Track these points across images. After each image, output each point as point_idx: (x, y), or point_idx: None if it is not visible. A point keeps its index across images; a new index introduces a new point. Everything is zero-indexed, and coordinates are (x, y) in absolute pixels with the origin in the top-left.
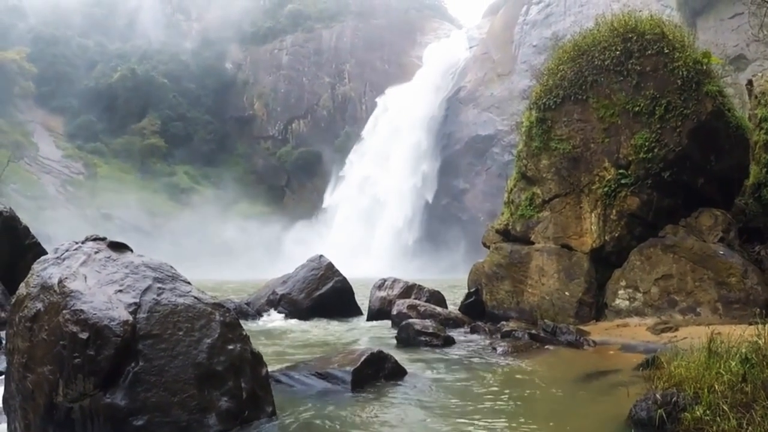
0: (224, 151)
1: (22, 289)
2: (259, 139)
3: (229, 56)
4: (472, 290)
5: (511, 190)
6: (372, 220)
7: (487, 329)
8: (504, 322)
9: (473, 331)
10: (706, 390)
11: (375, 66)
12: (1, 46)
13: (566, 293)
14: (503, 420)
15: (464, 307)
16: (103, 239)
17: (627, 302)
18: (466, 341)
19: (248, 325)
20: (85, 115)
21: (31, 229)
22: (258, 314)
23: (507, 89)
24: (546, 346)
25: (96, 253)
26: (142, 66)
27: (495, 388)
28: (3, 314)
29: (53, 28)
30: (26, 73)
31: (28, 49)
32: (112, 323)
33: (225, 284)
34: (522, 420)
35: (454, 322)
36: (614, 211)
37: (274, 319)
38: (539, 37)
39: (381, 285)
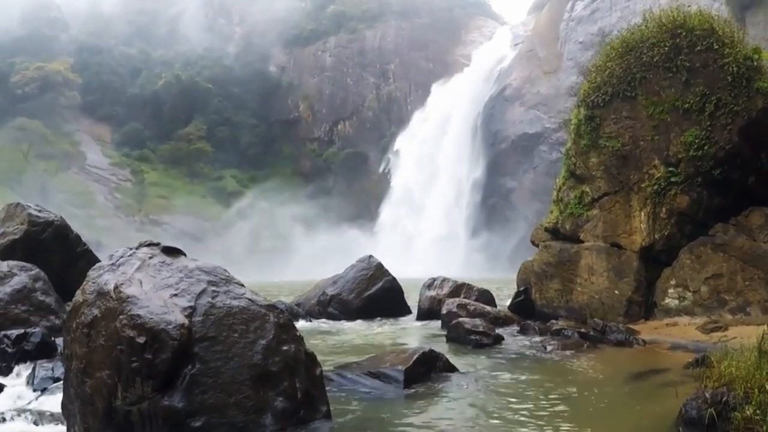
0: (270, 153)
1: (78, 296)
2: (305, 141)
3: (272, 59)
4: (521, 289)
5: (560, 188)
6: (419, 220)
7: (536, 328)
8: (553, 321)
9: (523, 330)
10: (756, 390)
11: (419, 65)
12: (46, 58)
13: (615, 292)
14: (553, 418)
15: (513, 306)
16: (157, 244)
17: (676, 301)
18: (515, 340)
19: (299, 326)
20: (132, 123)
21: (82, 237)
22: (308, 315)
23: (553, 86)
24: (596, 345)
25: (150, 258)
26: (186, 72)
27: (544, 387)
28: (58, 321)
29: (96, 38)
30: (71, 83)
31: (72, 59)
32: (168, 327)
33: (274, 286)
34: (571, 419)
35: (503, 321)
36: (664, 209)
37: (325, 320)
38: (585, 34)
39: (430, 284)
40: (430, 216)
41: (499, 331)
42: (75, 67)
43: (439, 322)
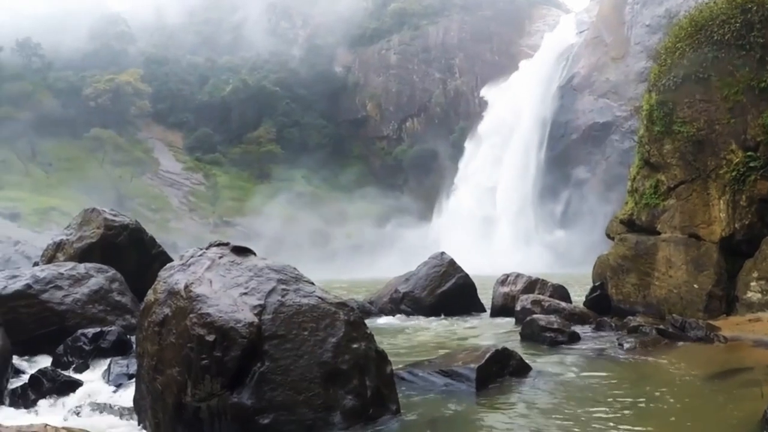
0: (340, 153)
1: (150, 296)
2: (374, 139)
3: (337, 60)
4: (596, 284)
5: (635, 177)
6: (490, 215)
7: (612, 324)
8: (630, 317)
9: (599, 326)
10: None
11: (485, 58)
12: (115, 70)
13: (695, 286)
14: (630, 419)
15: (589, 302)
16: (227, 244)
17: (759, 295)
18: (591, 337)
19: (371, 324)
20: (202, 128)
21: (156, 240)
22: (381, 312)
23: (622, 73)
24: (674, 342)
25: (220, 258)
26: (253, 76)
27: (622, 386)
28: (133, 320)
29: (163, 49)
30: (141, 93)
31: (141, 70)
32: (238, 325)
33: (346, 284)
34: (649, 419)
35: (578, 318)
36: (744, 196)
37: (397, 317)
38: (651, 16)
39: (504, 280)
40: (501, 211)
41: (574, 328)
42: (144, 78)
43: (512, 319)
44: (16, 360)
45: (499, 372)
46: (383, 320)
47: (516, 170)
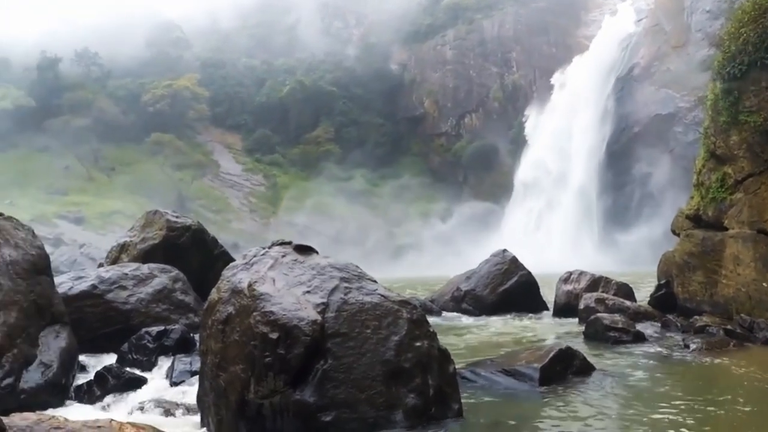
0: (399, 151)
1: (213, 295)
2: (432, 136)
3: (392, 57)
4: (662, 282)
5: (700, 171)
6: (551, 211)
7: (678, 324)
8: (697, 317)
9: (664, 326)
10: None
11: (542, 50)
12: (173, 76)
13: (764, 284)
14: (696, 423)
15: (654, 300)
16: (289, 243)
17: None
18: (656, 337)
19: (433, 322)
20: (261, 130)
21: (218, 240)
22: (442, 311)
23: (684, 62)
24: (742, 344)
25: (283, 257)
26: (309, 77)
27: (687, 389)
28: (196, 318)
29: (218, 53)
30: (199, 97)
31: (198, 75)
32: (301, 323)
33: (408, 282)
34: (716, 424)
35: (643, 317)
36: None
37: (458, 316)
38: (712, 1)
39: (567, 278)
40: (561, 207)
41: (638, 327)
42: (201, 82)
43: (576, 318)
44: (82, 357)
45: (562, 372)
46: (445, 318)
47: (576, 165)
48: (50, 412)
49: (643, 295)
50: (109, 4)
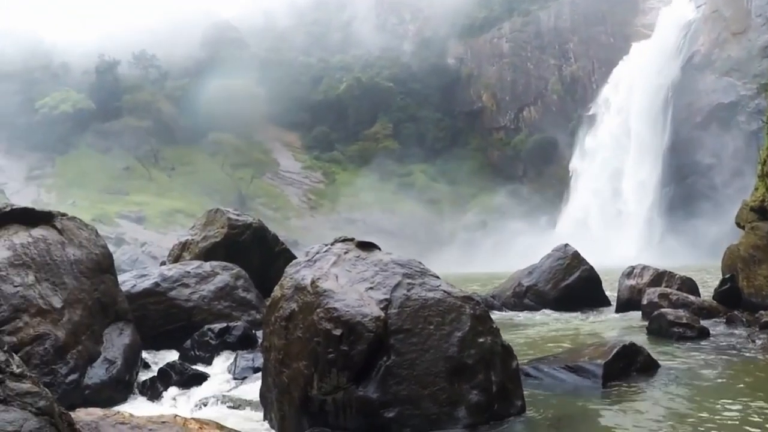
0: (457, 146)
1: (277, 291)
2: (491, 130)
3: (449, 52)
4: (726, 276)
5: (765, 161)
6: (612, 205)
7: (743, 319)
8: (762, 312)
9: (729, 321)
10: None
11: (600, 41)
12: (231, 76)
13: None
14: (762, 421)
15: (718, 295)
16: (352, 240)
17: None
18: (721, 333)
19: (495, 318)
20: (319, 127)
21: (279, 237)
22: (504, 306)
23: (744, 48)
24: None
25: (345, 253)
26: (366, 74)
27: (753, 386)
28: (258, 315)
29: (274, 52)
30: (257, 96)
31: (255, 74)
32: (364, 319)
33: (469, 277)
34: None
35: (707, 312)
36: None
37: (520, 311)
38: None
39: (629, 273)
40: (623, 200)
41: (703, 322)
42: (258, 81)
43: (639, 313)
44: (145, 354)
45: (625, 368)
46: (507, 314)
47: (637, 157)
48: (115, 407)
49: (707, 289)
50: (165, 6)
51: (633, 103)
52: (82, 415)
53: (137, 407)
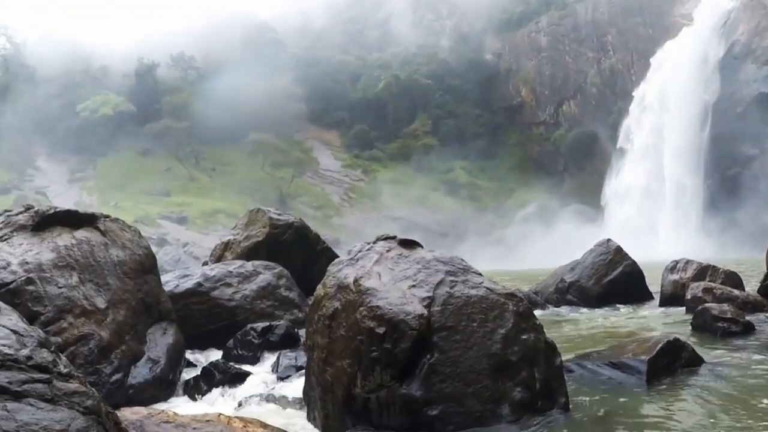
0: (497, 142)
1: (319, 290)
2: (530, 125)
3: (486, 47)
4: None
5: None
6: (653, 198)
7: None
8: None
9: None
10: None
11: (638, 32)
12: (269, 76)
13: None
14: None
15: (763, 289)
16: (394, 238)
17: None
18: (766, 328)
19: (538, 314)
20: (358, 126)
21: (320, 236)
22: (546, 303)
23: None
24: None
25: (388, 251)
26: (404, 71)
27: None
28: (300, 314)
29: (312, 51)
30: (295, 95)
31: (293, 74)
32: (407, 317)
33: (511, 274)
34: None
35: (752, 307)
36: None
37: (563, 307)
38: None
39: (673, 267)
40: (664, 193)
41: (748, 317)
42: (297, 80)
43: (683, 309)
44: (188, 353)
45: (670, 364)
46: (549, 310)
47: (678, 150)
48: (158, 406)
49: (751, 284)
50: (202, 8)
51: (672, 95)
52: (127, 414)
53: (181, 406)
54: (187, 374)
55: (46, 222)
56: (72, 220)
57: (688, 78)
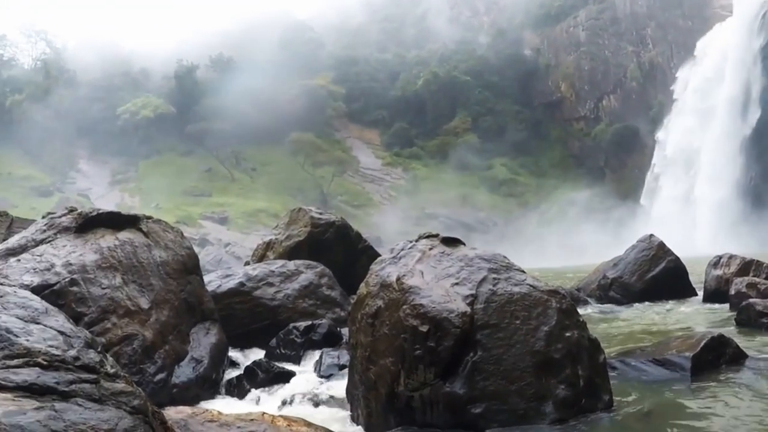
0: (538, 138)
1: (362, 289)
2: (570, 121)
3: (525, 42)
4: None
5: None
6: (695, 191)
7: None
8: None
9: None
10: None
11: (677, 25)
12: (309, 75)
13: None
14: None
15: None
16: (436, 235)
17: None
18: None
19: (580, 311)
20: (398, 124)
21: (362, 235)
22: (589, 299)
23: None
24: None
25: (430, 249)
26: (443, 68)
27: None
28: (342, 313)
29: (351, 50)
30: (335, 94)
31: (332, 73)
32: (450, 315)
33: (553, 271)
34: None
35: None
36: None
37: (605, 304)
38: None
39: (716, 262)
40: (707, 186)
41: None
42: (336, 79)
43: (726, 304)
44: (231, 353)
45: (714, 361)
46: (592, 307)
47: (719, 144)
48: (202, 406)
49: None
50: (240, 10)
51: (714, 86)
52: (171, 413)
53: (224, 405)
54: (230, 374)
55: (89, 224)
56: (115, 221)
57: (730, 69)
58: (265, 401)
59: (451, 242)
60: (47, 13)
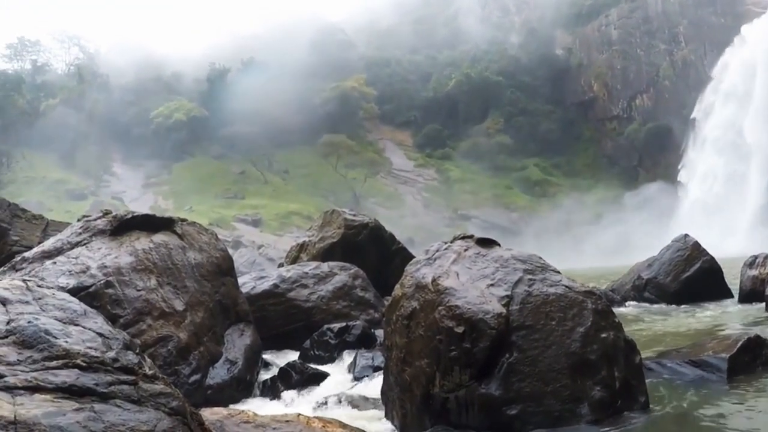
0: (571, 137)
1: (397, 290)
2: (603, 120)
3: (556, 42)
4: None
5: None
6: (732, 191)
7: None
8: None
9: None
10: None
11: (710, 22)
12: (341, 77)
13: None
14: None
15: None
16: (471, 236)
17: None
18: None
19: (615, 312)
20: (430, 125)
21: (395, 236)
22: (624, 300)
23: None
24: None
25: (465, 250)
26: (474, 68)
27: None
28: (377, 315)
29: (382, 51)
30: (367, 96)
31: (364, 75)
32: (486, 316)
33: (588, 272)
34: None
35: None
36: None
37: (640, 305)
38: None
39: (752, 263)
40: (743, 185)
41: None
42: (368, 81)
43: (762, 304)
44: (266, 354)
45: (750, 362)
46: (627, 308)
47: (755, 142)
48: (236, 407)
49: None
50: (272, 13)
51: (749, 84)
52: (207, 414)
53: (258, 406)
54: (264, 375)
55: (124, 226)
56: (149, 224)
57: (764, 67)
58: (299, 402)
59: (486, 243)
60: (80, 19)
